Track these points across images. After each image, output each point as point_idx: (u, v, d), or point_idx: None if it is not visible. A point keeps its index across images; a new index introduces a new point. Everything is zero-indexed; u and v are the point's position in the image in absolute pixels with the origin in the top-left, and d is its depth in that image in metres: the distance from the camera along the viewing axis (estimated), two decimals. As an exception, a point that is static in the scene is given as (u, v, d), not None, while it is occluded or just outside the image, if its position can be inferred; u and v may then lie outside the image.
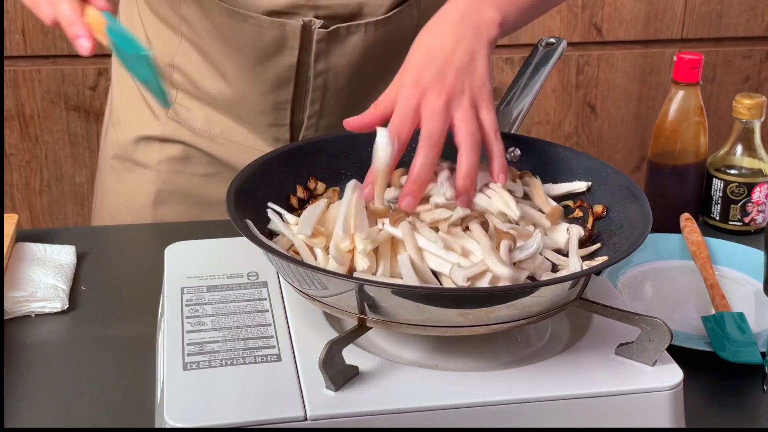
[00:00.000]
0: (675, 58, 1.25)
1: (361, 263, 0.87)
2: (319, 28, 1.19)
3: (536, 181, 1.00)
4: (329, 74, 1.24)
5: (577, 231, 0.95)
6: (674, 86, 1.26)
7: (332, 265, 0.88)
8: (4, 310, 1.05)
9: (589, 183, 1.00)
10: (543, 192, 0.98)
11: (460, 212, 0.90)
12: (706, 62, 2.24)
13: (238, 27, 1.20)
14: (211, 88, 1.28)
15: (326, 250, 0.90)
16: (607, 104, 2.31)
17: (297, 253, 0.91)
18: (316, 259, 0.90)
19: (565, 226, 0.96)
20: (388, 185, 0.96)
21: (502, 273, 0.84)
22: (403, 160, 0.98)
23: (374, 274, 0.87)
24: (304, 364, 0.84)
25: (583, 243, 0.95)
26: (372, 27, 1.21)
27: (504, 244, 0.87)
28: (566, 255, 0.93)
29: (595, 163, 1.01)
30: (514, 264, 0.87)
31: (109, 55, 1.19)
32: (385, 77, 1.23)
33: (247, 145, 1.30)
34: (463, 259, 0.87)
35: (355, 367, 0.83)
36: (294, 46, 1.21)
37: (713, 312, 1.08)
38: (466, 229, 0.90)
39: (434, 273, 0.88)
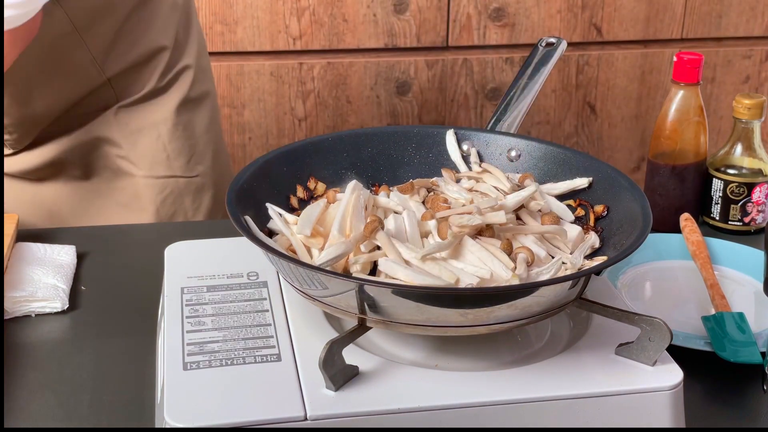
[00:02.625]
0: (675, 58, 1.25)
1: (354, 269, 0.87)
2: None
3: (533, 187, 0.99)
4: None
5: (593, 240, 0.94)
6: (674, 86, 1.26)
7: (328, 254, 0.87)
8: (4, 310, 1.05)
9: (590, 179, 1.00)
10: (539, 195, 0.98)
11: (477, 219, 0.89)
12: (706, 62, 2.24)
13: None
14: None
15: (323, 250, 0.90)
16: (607, 104, 2.31)
17: (294, 252, 0.91)
18: (312, 259, 0.90)
19: (578, 228, 0.95)
20: (386, 194, 0.97)
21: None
22: (397, 172, 0.99)
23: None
24: (304, 364, 0.84)
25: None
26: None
27: (521, 257, 0.87)
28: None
29: (595, 163, 1.01)
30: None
31: None
32: (56, 66, 1.30)
33: None
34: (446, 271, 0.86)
35: (355, 367, 0.83)
36: None
37: (713, 312, 1.08)
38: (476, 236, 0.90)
39: None
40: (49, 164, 1.38)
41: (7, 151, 1.37)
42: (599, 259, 0.92)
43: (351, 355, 0.83)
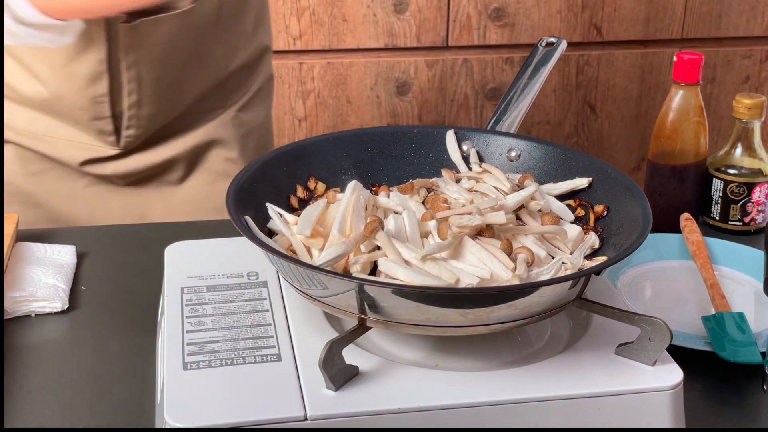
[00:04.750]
0: (675, 58, 1.25)
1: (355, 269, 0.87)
2: (123, 23, 1.23)
3: (533, 187, 0.99)
4: (141, 66, 1.27)
5: (593, 240, 0.94)
6: (674, 86, 1.26)
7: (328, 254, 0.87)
8: (4, 310, 1.05)
9: (590, 179, 1.00)
10: (539, 195, 0.98)
11: (477, 220, 0.89)
12: (706, 62, 2.24)
13: None
14: (28, 90, 1.30)
15: (323, 250, 0.90)
16: (607, 104, 2.31)
17: (294, 252, 0.91)
18: (312, 259, 0.90)
19: (578, 228, 0.95)
20: (386, 194, 0.97)
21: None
22: (397, 172, 0.99)
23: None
24: (304, 364, 0.84)
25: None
26: (177, 18, 1.25)
27: (521, 257, 0.87)
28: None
29: (595, 163, 1.01)
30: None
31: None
32: (197, 61, 1.30)
33: (73, 140, 1.33)
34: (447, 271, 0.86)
35: (355, 367, 0.83)
36: (100, 41, 1.24)
37: (713, 312, 1.08)
38: (476, 236, 0.90)
39: None
40: (156, 166, 1.37)
41: (113, 151, 1.34)
42: (599, 259, 0.92)
43: (351, 355, 0.83)
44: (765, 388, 0.95)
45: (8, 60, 1.29)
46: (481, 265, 0.85)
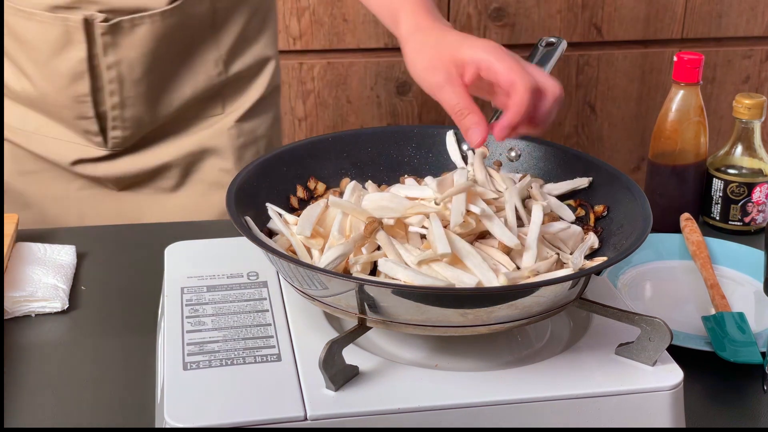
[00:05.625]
0: (675, 58, 1.25)
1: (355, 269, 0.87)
2: (101, 21, 1.23)
3: (536, 182, 1.00)
4: (122, 66, 1.27)
5: (593, 240, 0.94)
6: (674, 86, 1.26)
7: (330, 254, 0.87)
8: (4, 310, 1.05)
9: (590, 179, 1.00)
10: (540, 195, 0.98)
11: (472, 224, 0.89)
12: (706, 62, 2.24)
13: (26, 24, 1.25)
14: (16, 85, 1.31)
15: (323, 251, 0.90)
16: (607, 104, 2.31)
17: (294, 252, 0.91)
18: (312, 259, 0.90)
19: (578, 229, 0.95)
20: (383, 190, 0.97)
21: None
22: (397, 172, 0.99)
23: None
24: (304, 364, 0.84)
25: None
26: (159, 18, 1.25)
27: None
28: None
29: (595, 163, 1.01)
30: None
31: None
32: (185, 64, 1.29)
33: (63, 140, 1.33)
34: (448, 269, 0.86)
35: (355, 367, 0.83)
36: (80, 40, 1.24)
37: (713, 312, 1.08)
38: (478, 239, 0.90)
39: None
40: (148, 172, 1.36)
41: (102, 152, 1.34)
42: (599, 259, 0.92)
43: (351, 355, 0.83)
44: (765, 388, 0.95)
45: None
46: (481, 267, 0.85)
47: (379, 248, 0.88)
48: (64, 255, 1.15)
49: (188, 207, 1.39)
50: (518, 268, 0.87)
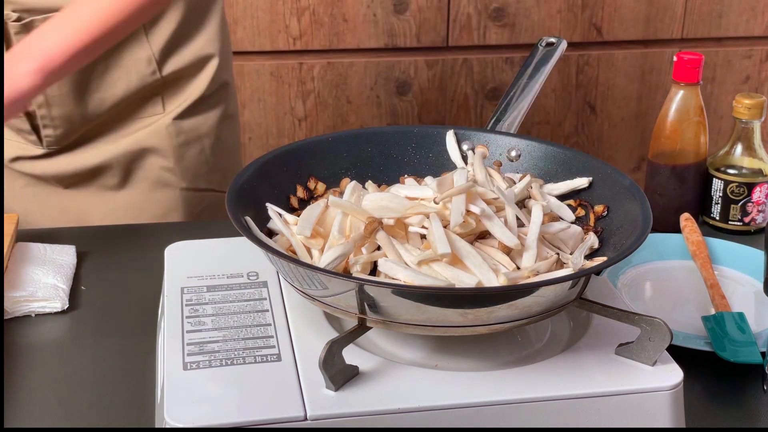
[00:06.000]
0: (675, 58, 1.25)
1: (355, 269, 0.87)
2: (14, 21, 1.23)
3: (536, 182, 1.00)
4: None
5: (593, 240, 0.94)
6: (674, 86, 1.26)
7: (332, 254, 0.87)
8: (4, 310, 1.05)
9: (590, 179, 1.00)
10: (540, 195, 0.98)
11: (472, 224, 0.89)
12: (706, 62, 2.24)
13: None
14: None
15: (323, 251, 0.90)
16: (607, 104, 2.31)
17: (294, 253, 0.91)
18: (312, 259, 0.90)
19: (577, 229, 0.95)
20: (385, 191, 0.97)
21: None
22: (397, 172, 0.99)
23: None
24: (304, 364, 0.84)
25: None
26: None
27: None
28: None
29: (595, 162, 1.01)
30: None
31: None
32: (114, 63, 1.30)
33: (8, 138, 1.33)
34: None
35: (355, 367, 0.83)
36: None
37: (713, 312, 1.08)
38: (478, 238, 0.90)
39: None
40: (88, 170, 1.36)
41: (39, 151, 1.34)
42: (599, 259, 0.92)
43: (351, 355, 0.83)
44: (765, 388, 0.95)
45: None
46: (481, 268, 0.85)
47: (379, 248, 0.88)
48: (64, 255, 1.15)
49: (134, 205, 1.39)
50: (518, 268, 0.87)
